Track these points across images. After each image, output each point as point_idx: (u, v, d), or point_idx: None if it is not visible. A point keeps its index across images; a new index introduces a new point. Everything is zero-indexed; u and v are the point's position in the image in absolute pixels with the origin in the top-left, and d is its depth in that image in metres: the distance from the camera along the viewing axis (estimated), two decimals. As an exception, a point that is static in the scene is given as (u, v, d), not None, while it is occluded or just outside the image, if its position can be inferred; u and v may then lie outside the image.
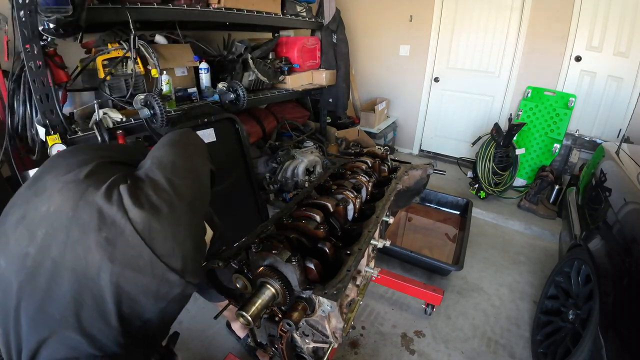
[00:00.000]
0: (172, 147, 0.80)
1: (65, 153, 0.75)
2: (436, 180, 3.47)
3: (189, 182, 0.74)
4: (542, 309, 1.79)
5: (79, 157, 0.71)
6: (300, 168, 2.72)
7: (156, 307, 0.68)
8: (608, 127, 3.19)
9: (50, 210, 0.62)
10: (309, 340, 1.02)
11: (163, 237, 0.65)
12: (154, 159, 0.75)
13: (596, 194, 1.74)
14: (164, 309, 0.69)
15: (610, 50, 3.03)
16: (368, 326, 1.86)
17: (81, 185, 0.64)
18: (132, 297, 0.64)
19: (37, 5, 1.25)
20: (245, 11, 2.26)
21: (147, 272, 0.63)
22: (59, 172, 0.67)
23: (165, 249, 0.65)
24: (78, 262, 0.61)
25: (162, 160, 0.74)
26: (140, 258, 0.63)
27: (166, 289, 0.67)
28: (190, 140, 0.87)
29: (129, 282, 0.63)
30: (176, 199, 0.68)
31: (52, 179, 0.66)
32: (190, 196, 0.72)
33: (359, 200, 1.25)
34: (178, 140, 0.84)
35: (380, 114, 4.10)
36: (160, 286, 0.66)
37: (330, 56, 3.03)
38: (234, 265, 0.93)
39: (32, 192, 0.66)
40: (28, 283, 0.61)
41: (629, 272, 1.20)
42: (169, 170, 0.71)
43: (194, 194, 0.74)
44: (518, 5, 3.34)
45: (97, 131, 1.60)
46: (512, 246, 2.65)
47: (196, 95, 2.24)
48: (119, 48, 1.74)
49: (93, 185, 0.64)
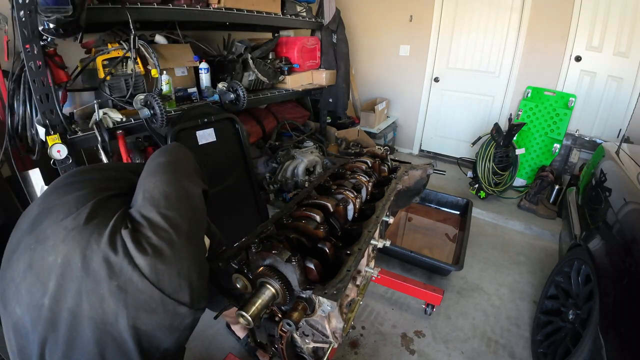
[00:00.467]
0: (162, 174, 0.81)
1: (59, 187, 0.76)
2: (436, 180, 3.47)
3: (183, 211, 0.76)
4: (542, 309, 1.79)
5: (74, 193, 0.73)
6: (300, 168, 2.72)
7: (172, 337, 0.73)
8: (608, 127, 3.19)
9: (58, 262, 0.65)
10: (309, 340, 1.02)
11: (169, 276, 0.69)
12: (145, 193, 0.76)
13: (596, 194, 1.74)
14: (179, 337, 0.74)
15: (610, 50, 3.03)
16: (368, 326, 1.86)
17: (84, 232, 0.67)
18: (149, 333, 0.69)
19: (37, 5, 1.25)
20: (245, 11, 2.26)
21: (159, 311, 0.68)
22: (57, 217, 0.69)
23: (172, 287, 0.69)
24: (95, 311, 0.65)
25: (153, 194, 0.76)
26: (152, 300, 0.67)
27: (179, 321, 0.72)
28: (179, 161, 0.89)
29: (144, 323, 0.68)
30: (175, 236, 0.71)
31: (53, 226, 0.68)
32: (187, 226, 0.75)
33: (359, 200, 1.25)
34: (167, 163, 0.85)
35: (380, 114, 4.10)
36: (172, 320, 0.71)
37: (330, 56, 3.03)
38: (234, 266, 0.93)
39: (34, 238, 0.68)
40: (49, 333, 0.65)
41: (629, 272, 1.20)
42: (162, 205, 0.74)
43: (190, 222, 0.77)
44: (518, 5, 3.34)
45: (97, 131, 1.60)
46: (512, 246, 2.65)
47: (196, 95, 2.24)
48: (119, 48, 1.74)
49: (96, 232, 0.67)
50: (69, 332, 0.65)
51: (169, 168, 0.84)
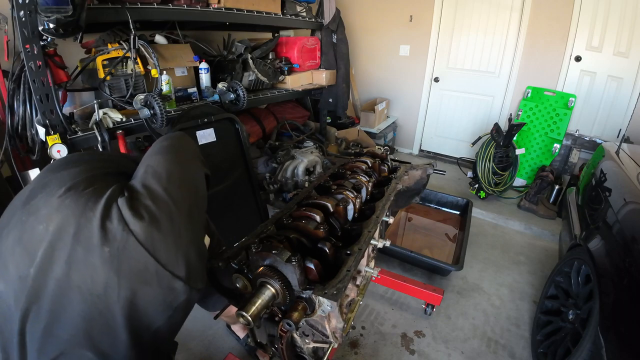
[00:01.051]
0: (166, 154, 0.79)
1: (55, 167, 0.72)
2: (436, 180, 3.47)
3: (185, 190, 0.74)
4: (542, 309, 1.79)
5: (70, 169, 0.70)
6: (300, 168, 2.72)
7: (163, 316, 0.68)
8: (608, 127, 3.19)
9: (49, 229, 0.61)
10: (309, 340, 1.02)
11: (166, 246, 0.65)
12: (148, 167, 0.74)
13: (596, 194, 1.74)
14: (171, 317, 0.70)
15: (610, 50, 3.03)
16: (368, 326, 1.86)
17: (79, 201, 0.63)
18: (140, 308, 0.64)
19: (37, 5, 1.25)
20: (245, 11, 2.26)
21: (153, 282, 0.64)
22: (52, 190, 0.65)
23: (169, 258, 0.65)
24: (83, 280, 0.61)
25: (156, 169, 0.73)
26: (146, 270, 0.63)
27: (172, 297, 0.67)
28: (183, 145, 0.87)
29: (136, 294, 0.63)
30: (175, 209, 0.68)
31: (47, 197, 0.64)
32: (188, 205, 0.73)
33: (359, 200, 1.25)
34: (171, 146, 0.83)
35: (380, 114, 4.10)
36: (166, 295, 0.67)
37: (330, 56, 3.03)
38: (234, 266, 0.93)
39: (26, 211, 0.64)
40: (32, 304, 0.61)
41: (629, 272, 1.20)
42: (164, 180, 0.71)
43: (191, 203, 0.74)
44: (518, 5, 3.34)
45: (97, 131, 1.60)
46: (512, 246, 2.65)
47: (196, 95, 2.24)
48: (119, 48, 1.74)
49: (92, 200, 0.63)
50: (54, 303, 0.60)
51: (173, 150, 0.82)
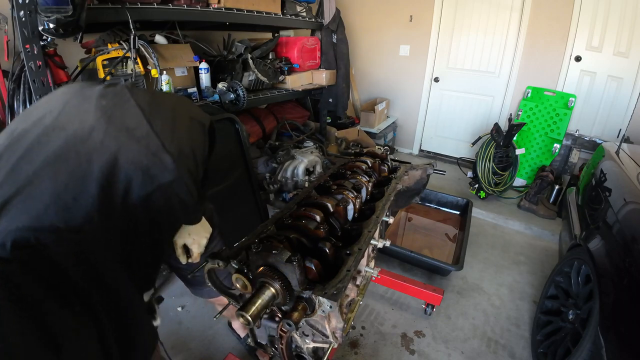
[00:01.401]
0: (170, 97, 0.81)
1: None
2: (436, 180, 3.47)
3: (188, 130, 0.73)
4: (542, 309, 1.79)
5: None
6: (300, 168, 2.72)
7: (142, 190, 0.62)
8: (608, 127, 3.19)
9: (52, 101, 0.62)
10: (309, 340, 1.02)
11: (163, 118, 0.65)
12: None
13: (596, 194, 1.74)
14: (149, 197, 0.63)
15: (610, 50, 3.03)
16: (368, 326, 1.86)
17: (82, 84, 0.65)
18: (120, 164, 0.59)
19: (37, 5, 1.25)
20: (245, 11, 2.26)
21: (142, 142, 0.60)
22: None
23: (163, 129, 0.63)
24: (70, 122, 0.58)
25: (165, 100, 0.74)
26: (138, 129, 0.61)
27: (157, 170, 0.62)
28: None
29: (119, 149, 0.59)
30: (177, 115, 0.70)
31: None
32: (189, 128, 0.73)
33: (359, 200, 1.25)
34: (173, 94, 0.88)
35: (380, 114, 4.10)
36: (151, 163, 0.61)
37: (330, 56, 3.03)
38: (234, 266, 0.93)
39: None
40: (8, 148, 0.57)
41: (629, 272, 1.20)
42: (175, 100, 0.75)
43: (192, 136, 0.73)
44: (518, 5, 3.34)
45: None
46: (512, 246, 2.65)
47: (196, 95, 2.24)
48: (119, 48, 1.74)
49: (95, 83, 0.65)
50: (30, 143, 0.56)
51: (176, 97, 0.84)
